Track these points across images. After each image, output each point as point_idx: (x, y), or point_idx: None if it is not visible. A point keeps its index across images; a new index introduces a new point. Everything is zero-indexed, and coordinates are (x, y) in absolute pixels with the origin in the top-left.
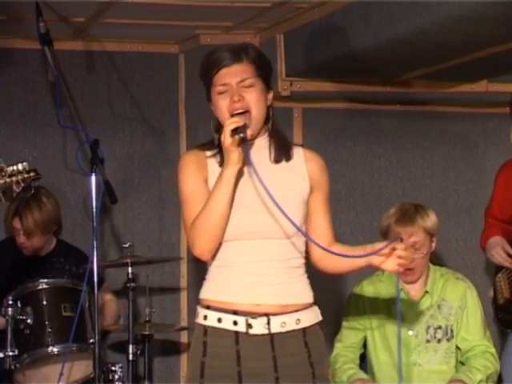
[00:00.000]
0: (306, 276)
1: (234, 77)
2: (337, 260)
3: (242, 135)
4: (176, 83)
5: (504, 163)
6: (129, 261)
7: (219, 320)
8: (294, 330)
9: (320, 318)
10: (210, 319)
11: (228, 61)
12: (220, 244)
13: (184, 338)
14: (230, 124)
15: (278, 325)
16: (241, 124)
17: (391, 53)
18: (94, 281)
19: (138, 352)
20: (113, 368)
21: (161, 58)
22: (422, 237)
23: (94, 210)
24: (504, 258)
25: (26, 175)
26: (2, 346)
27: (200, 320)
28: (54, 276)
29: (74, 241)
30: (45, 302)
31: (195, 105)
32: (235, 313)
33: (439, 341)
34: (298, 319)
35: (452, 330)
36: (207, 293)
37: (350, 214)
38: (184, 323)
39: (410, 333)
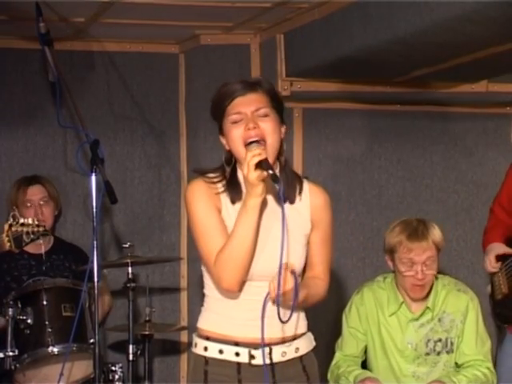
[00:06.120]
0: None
1: (249, 105)
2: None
3: (271, 172)
4: (176, 83)
5: None
6: (129, 261)
7: (220, 351)
8: (293, 358)
9: (314, 343)
10: (211, 350)
11: (242, 90)
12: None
13: (184, 337)
14: (252, 158)
15: (279, 354)
16: (263, 157)
17: (391, 53)
18: (94, 281)
19: (138, 352)
20: (113, 368)
21: (161, 58)
22: (434, 252)
23: (94, 209)
24: (493, 265)
25: (35, 228)
26: (2, 346)
27: (199, 351)
28: (54, 274)
29: (74, 240)
30: (45, 302)
31: (195, 105)
32: (237, 344)
33: (439, 353)
34: (297, 348)
35: (452, 343)
36: (207, 324)
37: (350, 214)
38: (184, 323)
39: (409, 346)
